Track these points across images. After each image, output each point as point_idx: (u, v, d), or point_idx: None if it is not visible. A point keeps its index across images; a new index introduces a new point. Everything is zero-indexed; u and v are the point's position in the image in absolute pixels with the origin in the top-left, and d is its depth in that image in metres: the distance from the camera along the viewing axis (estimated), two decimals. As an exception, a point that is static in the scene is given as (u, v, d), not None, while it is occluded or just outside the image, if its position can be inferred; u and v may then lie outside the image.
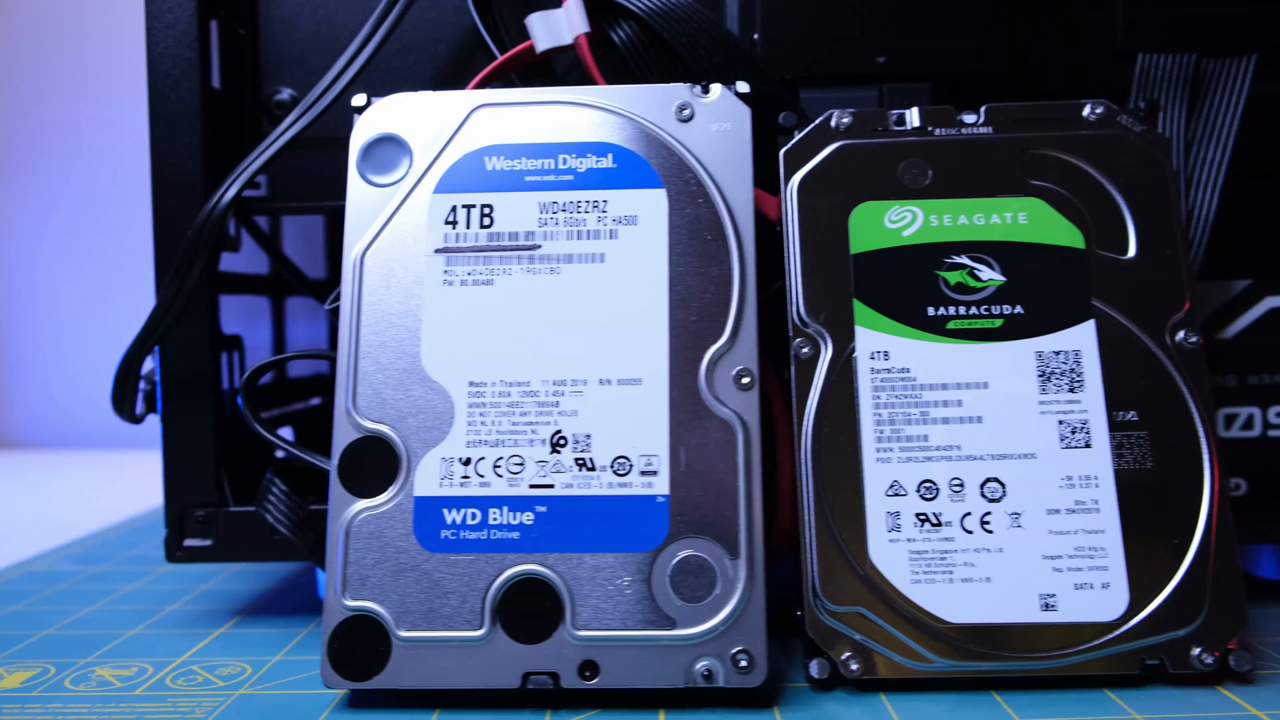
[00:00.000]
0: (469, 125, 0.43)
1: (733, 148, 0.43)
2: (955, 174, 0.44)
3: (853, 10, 0.48)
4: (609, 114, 0.43)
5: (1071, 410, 0.42)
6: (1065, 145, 0.45)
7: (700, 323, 0.41)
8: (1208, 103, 0.49)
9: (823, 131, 0.45)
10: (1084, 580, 0.40)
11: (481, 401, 0.41)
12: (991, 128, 0.45)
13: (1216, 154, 0.48)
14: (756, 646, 0.38)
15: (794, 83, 0.49)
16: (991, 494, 0.41)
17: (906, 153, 0.45)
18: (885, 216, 0.44)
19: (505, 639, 0.39)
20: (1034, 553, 0.40)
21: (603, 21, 0.48)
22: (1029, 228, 0.44)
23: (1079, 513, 0.41)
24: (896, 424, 0.42)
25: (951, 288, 0.43)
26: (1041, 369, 0.42)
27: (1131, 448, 0.41)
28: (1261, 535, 0.51)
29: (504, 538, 0.39)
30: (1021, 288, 0.43)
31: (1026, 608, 0.40)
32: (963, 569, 0.40)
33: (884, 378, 0.42)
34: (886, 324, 0.43)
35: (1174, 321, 0.43)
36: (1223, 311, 0.52)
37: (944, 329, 0.43)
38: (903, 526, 0.41)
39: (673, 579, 0.39)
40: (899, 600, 0.40)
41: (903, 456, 0.42)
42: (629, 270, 0.42)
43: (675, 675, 0.38)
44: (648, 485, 0.40)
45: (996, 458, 0.41)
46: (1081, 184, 0.44)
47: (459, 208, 0.42)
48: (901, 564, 0.41)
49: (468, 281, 0.42)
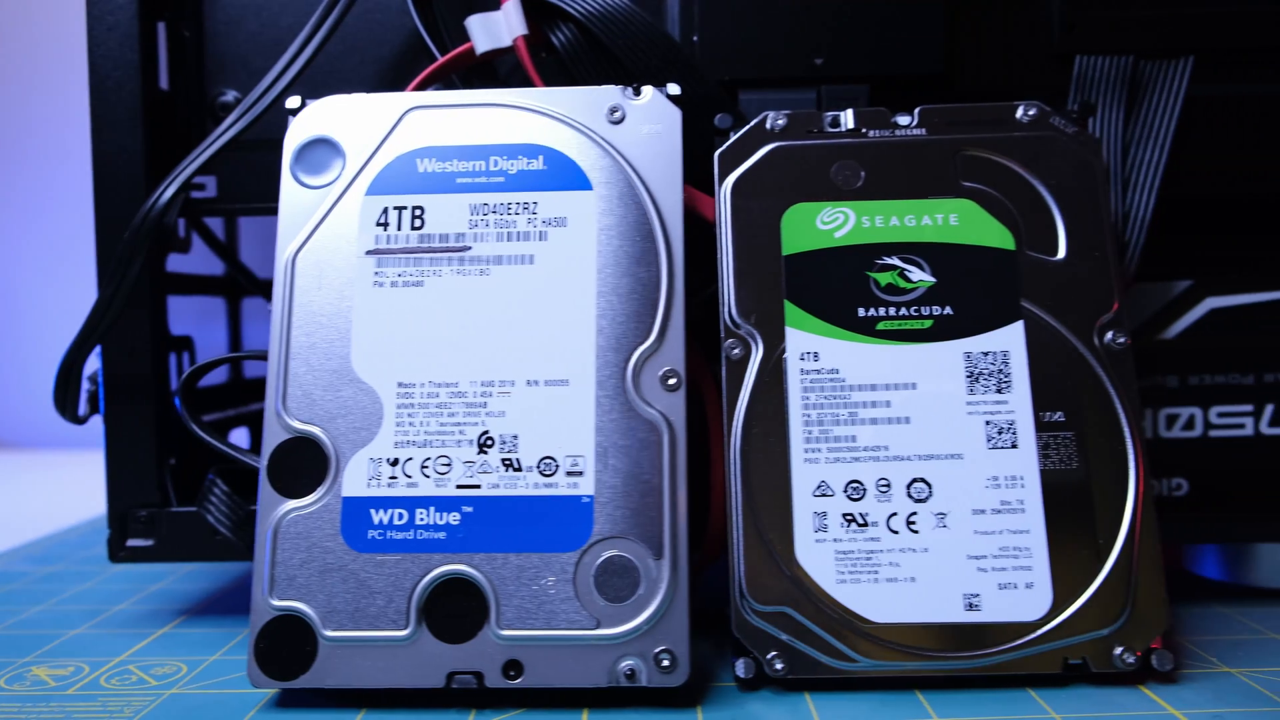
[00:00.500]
0: (401, 127, 0.44)
1: (663, 149, 0.43)
2: (888, 175, 0.45)
3: (790, 12, 0.49)
4: (540, 116, 0.43)
5: (999, 411, 0.42)
6: (997, 147, 0.45)
7: (627, 324, 0.41)
8: (1145, 104, 0.49)
9: (757, 133, 0.46)
10: (1008, 580, 0.40)
11: (410, 402, 0.41)
12: (925, 129, 0.45)
13: (1154, 155, 0.49)
14: (679, 646, 0.39)
15: (733, 85, 0.49)
16: (918, 494, 0.41)
17: (840, 154, 0.45)
18: (817, 218, 0.44)
19: (430, 639, 0.39)
20: (959, 553, 0.41)
21: (543, 24, 0.48)
22: (960, 229, 0.44)
23: (1004, 513, 0.41)
24: (825, 424, 0.42)
25: (882, 289, 0.43)
26: (970, 370, 0.42)
27: (1058, 448, 0.42)
28: (1204, 535, 0.51)
29: (430, 538, 0.40)
30: (951, 289, 0.43)
31: (950, 607, 0.40)
32: (888, 569, 0.41)
33: (813, 378, 0.43)
34: (817, 325, 0.43)
35: (1102, 322, 0.43)
36: (1164, 312, 0.52)
37: (874, 330, 0.43)
38: (829, 527, 0.41)
39: (597, 579, 0.39)
40: (824, 600, 0.40)
41: (831, 457, 0.42)
42: (558, 272, 0.42)
43: (598, 675, 0.38)
44: (573, 486, 0.40)
45: (923, 458, 0.42)
46: (1013, 186, 0.44)
47: (390, 209, 0.43)
48: (827, 564, 0.41)
49: (398, 283, 0.42)
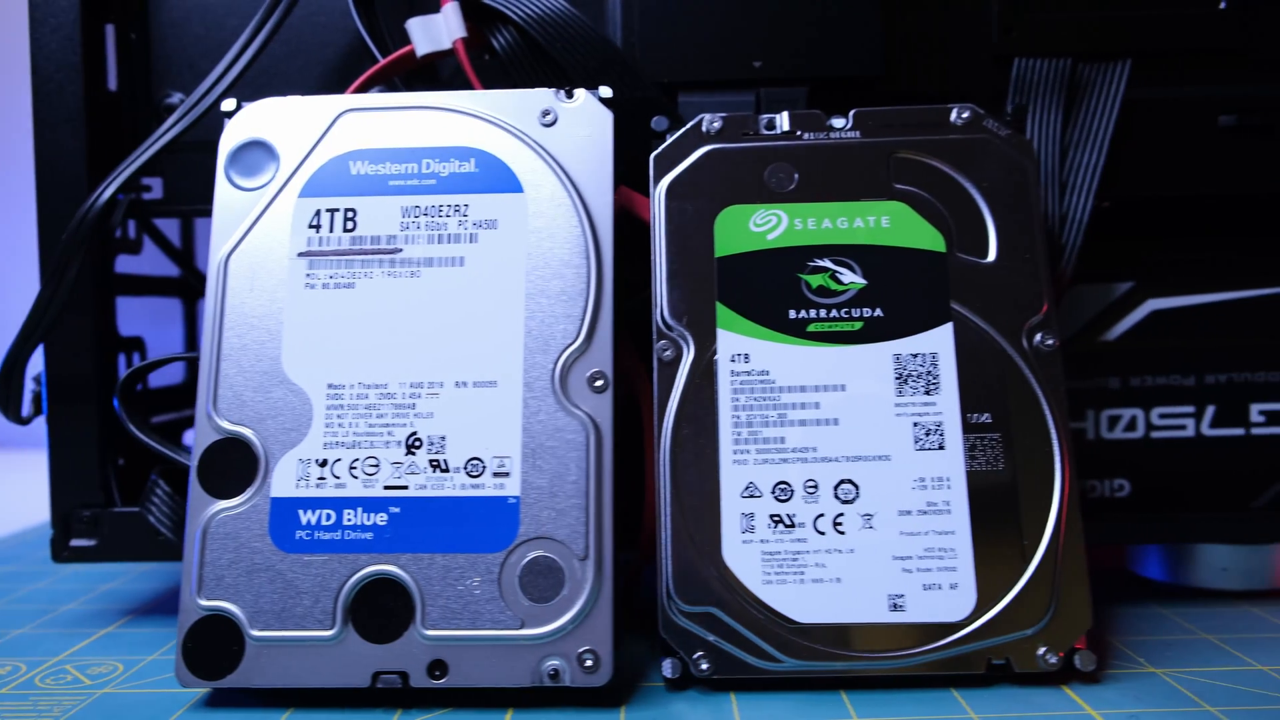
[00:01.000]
0: (335, 130, 0.44)
1: (594, 152, 0.43)
2: (821, 178, 0.45)
3: (729, 15, 0.49)
4: (473, 119, 0.44)
5: (926, 412, 0.42)
6: (930, 149, 0.45)
7: (555, 325, 0.41)
8: (1083, 107, 0.49)
9: (693, 135, 0.46)
10: (933, 581, 0.41)
11: (340, 404, 0.41)
12: (859, 132, 0.46)
13: (1091, 157, 0.49)
14: (603, 646, 0.39)
15: (672, 87, 0.49)
16: (845, 495, 0.42)
17: (773, 157, 0.45)
18: (750, 220, 0.45)
19: (356, 638, 0.39)
20: (884, 553, 0.41)
21: (483, 27, 0.49)
22: (891, 231, 0.44)
23: (930, 514, 0.41)
24: (754, 426, 0.42)
25: (813, 291, 0.44)
26: (899, 371, 0.43)
27: (984, 449, 0.42)
28: (1146, 535, 0.52)
29: (357, 538, 0.40)
30: (882, 291, 0.43)
31: (875, 608, 0.40)
32: (814, 569, 0.41)
33: (743, 380, 0.43)
34: (748, 327, 0.43)
35: (1031, 324, 0.43)
36: (1105, 314, 0.52)
37: (804, 331, 0.43)
38: (756, 528, 0.41)
39: (522, 579, 0.39)
40: (750, 600, 0.41)
41: (759, 458, 0.42)
42: (488, 274, 0.42)
43: (522, 674, 0.39)
44: (500, 486, 0.40)
45: (851, 459, 0.42)
46: (945, 188, 0.45)
47: (323, 212, 0.43)
48: (754, 565, 0.41)
49: (329, 285, 0.42)
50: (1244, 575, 0.52)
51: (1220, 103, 0.50)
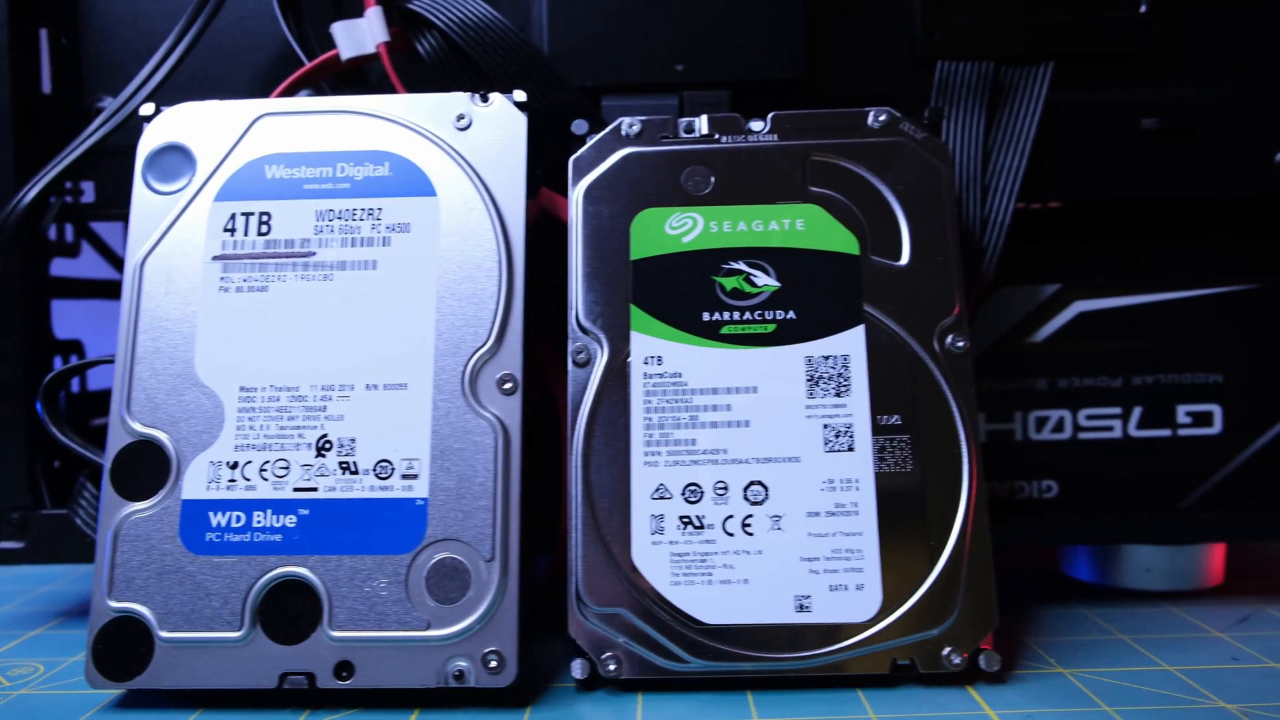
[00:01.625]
0: (252, 134, 0.44)
1: (507, 155, 0.43)
2: (737, 181, 0.45)
3: (652, 19, 0.49)
4: (388, 123, 0.44)
5: (837, 414, 0.42)
6: (846, 152, 0.45)
7: (466, 328, 0.42)
8: (1006, 110, 0.50)
9: (612, 139, 0.46)
10: (839, 582, 0.41)
11: (251, 406, 0.41)
12: (776, 135, 0.46)
13: (1014, 160, 0.49)
14: (508, 647, 0.39)
15: (596, 91, 0.49)
16: (754, 497, 0.42)
17: (690, 160, 0.45)
18: (666, 223, 0.45)
19: (264, 640, 0.39)
20: (792, 555, 0.41)
21: (409, 32, 0.49)
22: (806, 234, 0.44)
23: (838, 515, 0.41)
24: (666, 428, 0.42)
25: (727, 293, 0.44)
26: (810, 373, 0.43)
27: (893, 451, 0.42)
28: (1073, 536, 0.52)
29: (267, 540, 0.40)
30: (795, 293, 0.44)
31: (781, 609, 0.41)
32: (722, 571, 0.41)
33: (656, 382, 0.43)
34: (662, 329, 0.43)
35: (943, 326, 0.43)
36: (1033, 315, 0.52)
37: (718, 334, 0.43)
38: (666, 529, 0.42)
39: (428, 580, 0.39)
40: (658, 602, 0.41)
41: (670, 460, 0.42)
42: (400, 277, 0.42)
43: (428, 675, 0.39)
44: (408, 488, 0.40)
45: (761, 461, 0.42)
46: (860, 191, 0.45)
47: (238, 215, 0.43)
48: (663, 566, 0.41)
49: (243, 288, 0.42)
50: (1168, 576, 0.52)
51: (1142, 106, 0.50)
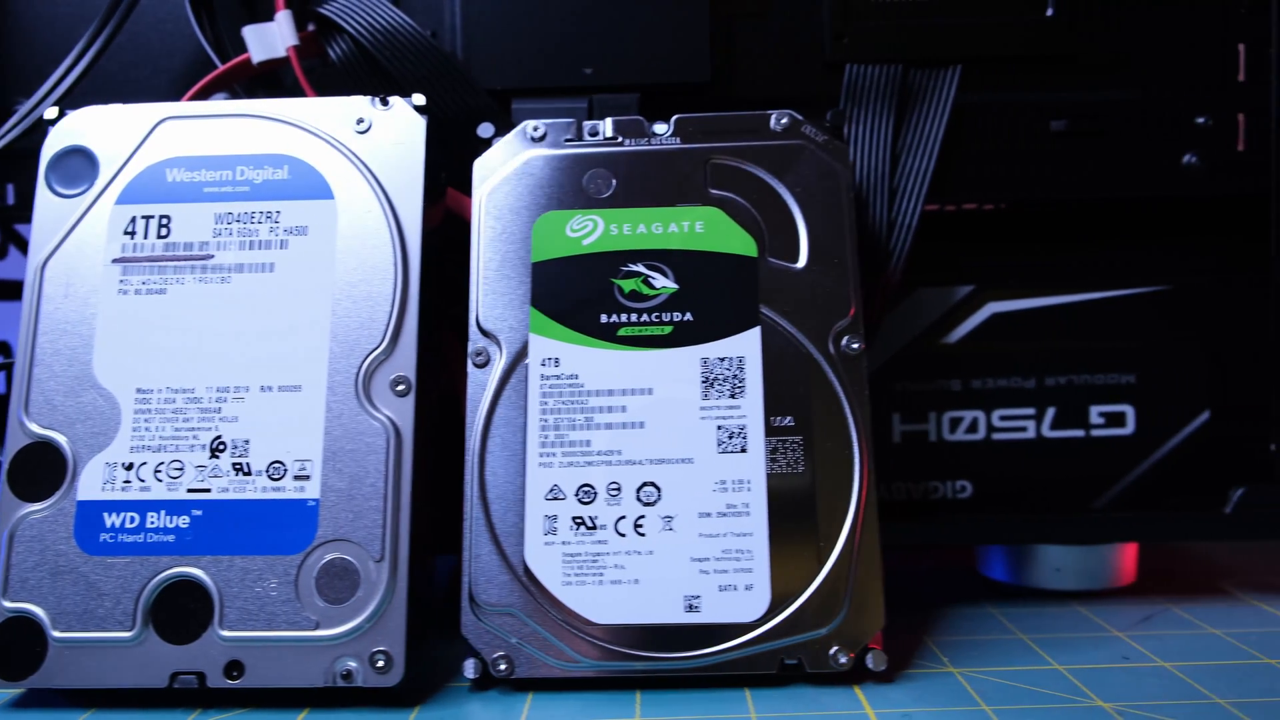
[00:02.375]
0: (154, 138, 0.44)
1: (405, 159, 0.44)
2: (638, 184, 0.45)
3: (562, 23, 0.49)
4: (288, 127, 0.44)
5: (731, 416, 0.43)
6: (746, 155, 0.46)
7: (360, 331, 0.42)
8: (915, 113, 0.50)
9: (515, 142, 0.46)
10: (728, 582, 0.41)
11: (148, 408, 0.42)
12: (679, 138, 0.46)
13: (922, 163, 0.49)
14: (395, 647, 0.39)
15: (507, 94, 0.50)
16: (647, 498, 0.42)
17: (592, 163, 0.46)
18: (567, 225, 0.45)
19: (156, 639, 0.40)
20: (683, 555, 0.41)
21: (320, 35, 0.49)
22: (705, 236, 0.45)
23: (729, 516, 0.42)
24: (561, 429, 0.43)
25: (625, 295, 0.44)
26: (706, 375, 0.43)
27: (785, 452, 0.42)
28: (987, 536, 0.52)
29: (160, 540, 0.40)
30: (693, 295, 0.44)
31: (671, 609, 0.41)
32: (613, 571, 0.41)
33: (553, 384, 0.43)
34: (560, 331, 0.44)
35: (838, 328, 0.44)
36: (946, 317, 0.52)
37: (615, 336, 0.44)
38: (559, 530, 0.42)
39: (318, 581, 0.40)
40: (550, 602, 0.41)
41: (565, 461, 0.42)
42: (297, 279, 0.43)
43: (316, 675, 0.39)
44: (300, 489, 0.41)
45: (655, 462, 0.42)
46: (760, 193, 0.45)
47: (138, 218, 0.43)
48: (555, 566, 0.41)
49: (142, 291, 0.43)
50: (1078, 575, 0.52)
51: (1052, 108, 0.50)
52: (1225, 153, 0.50)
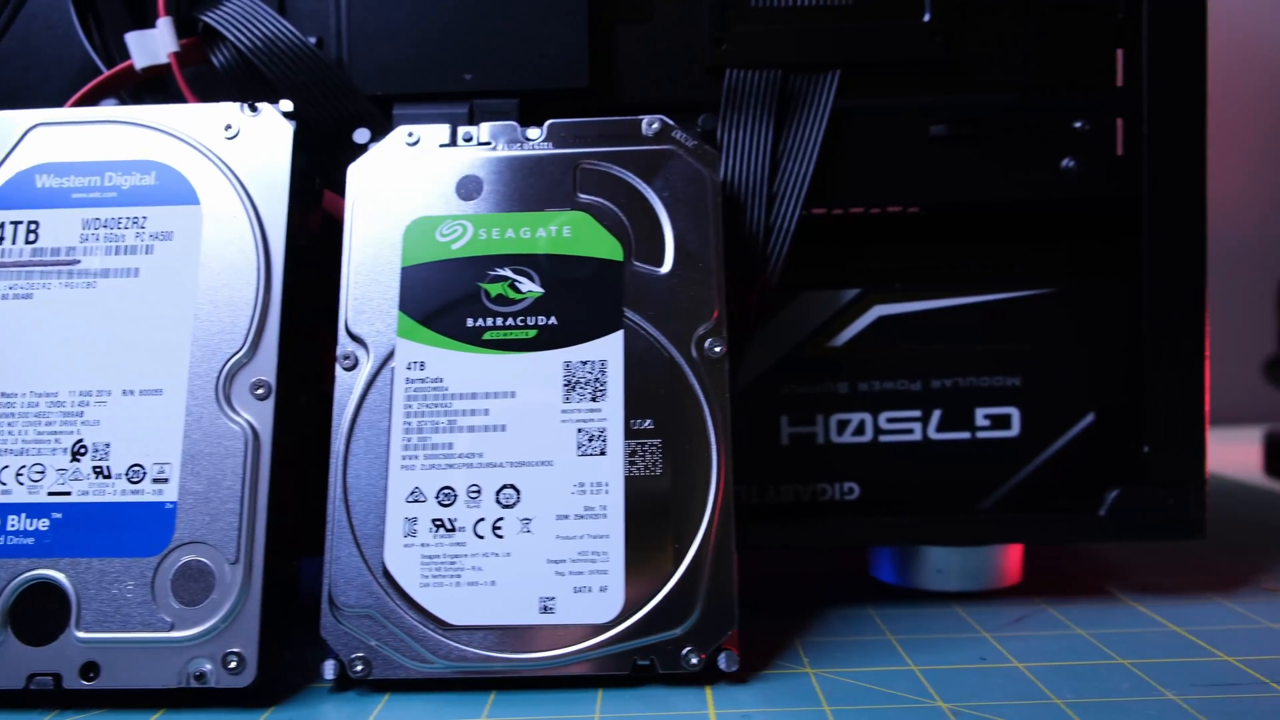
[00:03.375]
0: (25, 144, 0.45)
1: (272, 164, 0.44)
2: (509, 189, 0.46)
3: (442, 29, 0.50)
4: (158, 133, 0.45)
5: (591, 419, 0.43)
6: (616, 160, 0.46)
7: (222, 335, 0.42)
8: (795, 118, 0.50)
9: (390, 147, 0.47)
10: (584, 584, 0.41)
11: (11, 412, 0.42)
12: (552, 143, 0.47)
13: (801, 168, 0.50)
14: (248, 648, 0.40)
15: (388, 99, 0.50)
16: (506, 500, 0.42)
17: (464, 168, 0.46)
18: (437, 230, 0.45)
19: (14, 641, 0.40)
20: (539, 557, 0.42)
21: (204, 42, 0.50)
22: (572, 241, 0.45)
23: (587, 518, 0.42)
24: (424, 432, 0.43)
25: (492, 299, 0.45)
26: (568, 378, 0.44)
27: (644, 455, 0.43)
28: (875, 538, 0.52)
29: (19, 543, 0.41)
30: (558, 299, 0.44)
31: (526, 610, 0.41)
32: (470, 573, 0.42)
33: (418, 387, 0.44)
34: (427, 335, 0.44)
35: (701, 332, 0.44)
36: (833, 320, 0.53)
37: (480, 340, 0.44)
38: (419, 532, 0.42)
39: (174, 583, 0.40)
40: (407, 603, 0.41)
41: (426, 464, 0.43)
42: (161, 284, 0.43)
43: (170, 676, 0.40)
44: (158, 492, 0.41)
45: (515, 465, 0.43)
46: (628, 198, 0.46)
47: (7, 224, 0.44)
48: (413, 568, 0.42)
49: (8, 296, 0.43)
50: (959, 576, 0.52)
51: (931, 113, 0.51)
52: (1103, 157, 0.50)
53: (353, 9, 0.50)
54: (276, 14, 0.49)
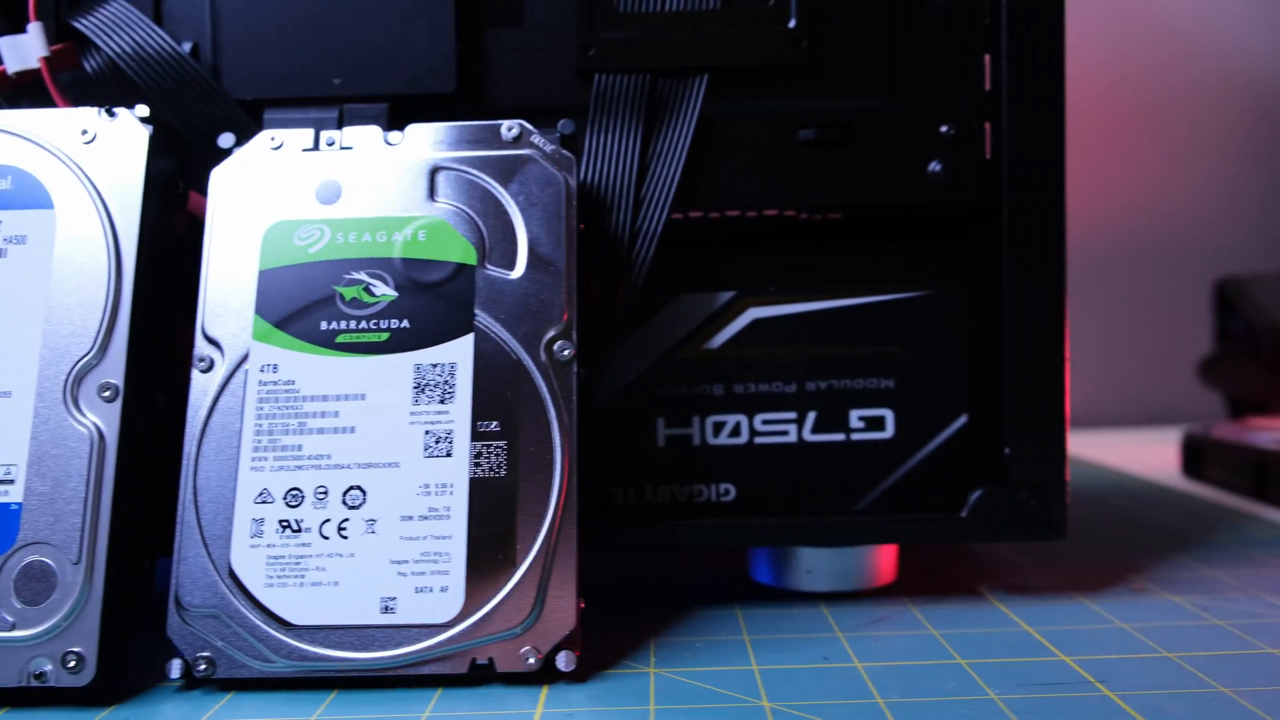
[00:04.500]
0: (-116, 149, 0.45)
1: (128, 169, 0.45)
2: (368, 193, 0.46)
3: (311, 35, 0.50)
4: (14, 138, 0.45)
5: (439, 421, 0.44)
6: (474, 165, 0.46)
7: (71, 338, 0.43)
8: (662, 122, 0.51)
9: (253, 152, 0.47)
10: (425, 584, 0.42)
11: None
12: (412, 147, 0.47)
13: (669, 172, 0.50)
14: (88, 647, 0.40)
15: (259, 104, 0.51)
16: (352, 501, 0.43)
17: (325, 172, 0.47)
18: (295, 234, 0.46)
19: None
20: (383, 557, 0.42)
21: (78, 48, 0.50)
22: (426, 245, 0.46)
23: (431, 519, 0.43)
24: (275, 434, 0.44)
25: (346, 303, 0.45)
26: (418, 381, 0.44)
27: (489, 456, 0.43)
28: (749, 539, 0.53)
29: None
30: (411, 303, 0.45)
31: (367, 610, 0.42)
32: (314, 573, 0.42)
33: (270, 390, 0.44)
34: (281, 338, 0.45)
35: (550, 335, 0.44)
36: (708, 323, 0.53)
37: (333, 343, 0.45)
38: (265, 532, 0.43)
39: (16, 583, 0.41)
40: (251, 603, 0.42)
41: (276, 466, 0.43)
42: (13, 288, 0.43)
43: (11, 675, 0.40)
44: (4, 494, 0.41)
45: (363, 466, 0.43)
46: (484, 202, 0.46)
47: None
48: (259, 568, 0.42)
49: None
50: (829, 577, 0.53)
51: (799, 117, 0.51)
52: (970, 161, 0.51)
53: (225, 15, 0.51)
54: (149, 20, 0.50)
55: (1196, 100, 1.15)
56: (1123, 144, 1.14)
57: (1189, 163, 1.15)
